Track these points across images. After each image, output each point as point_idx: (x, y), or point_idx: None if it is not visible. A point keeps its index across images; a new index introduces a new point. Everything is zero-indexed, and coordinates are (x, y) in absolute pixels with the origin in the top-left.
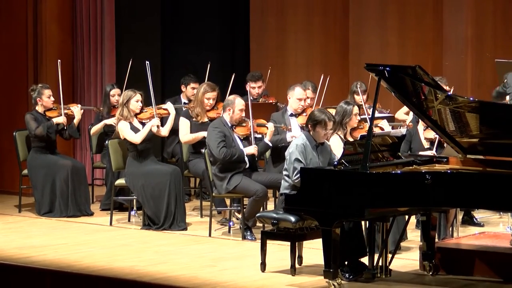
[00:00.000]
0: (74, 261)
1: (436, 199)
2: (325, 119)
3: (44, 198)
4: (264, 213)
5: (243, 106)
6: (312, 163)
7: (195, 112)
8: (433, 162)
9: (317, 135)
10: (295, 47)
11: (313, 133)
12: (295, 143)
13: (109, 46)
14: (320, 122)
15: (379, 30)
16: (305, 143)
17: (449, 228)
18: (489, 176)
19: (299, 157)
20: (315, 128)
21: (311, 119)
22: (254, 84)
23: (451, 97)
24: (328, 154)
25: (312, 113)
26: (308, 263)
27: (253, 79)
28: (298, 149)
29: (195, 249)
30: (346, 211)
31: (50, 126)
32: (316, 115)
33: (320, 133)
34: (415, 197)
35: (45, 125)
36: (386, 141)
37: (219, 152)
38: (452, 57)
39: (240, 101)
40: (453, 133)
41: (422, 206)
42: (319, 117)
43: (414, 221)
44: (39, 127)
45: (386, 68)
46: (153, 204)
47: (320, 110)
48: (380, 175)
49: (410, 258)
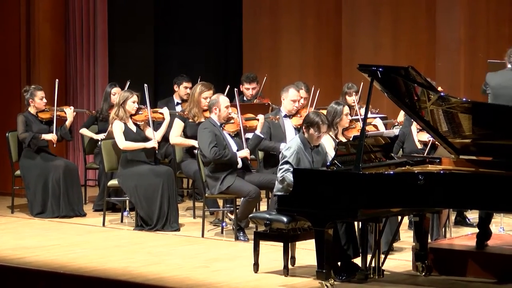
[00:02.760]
0: (67, 262)
1: (429, 199)
2: (319, 122)
3: (36, 199)
4: (257, 214)
5: (228, 103)
6: (305, 165)
7: (192, 113)
8: (426, 163)
9: (311, 137)
10: (288, 48)
11: (307, 135)
12: (289, 144)
13: (102, 46)
14: (314, 125)
15: (372, 31)
16: (299, 145)
17: (442, 228)
18: (482, 177)
19: (289, 159)
20: (308, 130)
21: (305, 121)
22: (248, 85)
23: (443, 97)
24: (323, 156)
25: (308, 115)
26: (301, 263)
27: (248, 80)
28: (291, 151)
29: (188, 250)
30: (339, 212)
31: (35, 138)
32: (311, 117)
33: (314, 136)
34: (408, 197)
35: (31, 134)
36: (379, 141)
37: (210, 152)
38: (445, 58)
39: (223, 98)
40: (446, 134)
41: (415, 206)
42: (313, 119)
43: (407, 221)
44: (24, 133)
45: (378, 69)
46: (146, 205)
47: (315, 113)
48: (373, 176)
49: (403, 258)
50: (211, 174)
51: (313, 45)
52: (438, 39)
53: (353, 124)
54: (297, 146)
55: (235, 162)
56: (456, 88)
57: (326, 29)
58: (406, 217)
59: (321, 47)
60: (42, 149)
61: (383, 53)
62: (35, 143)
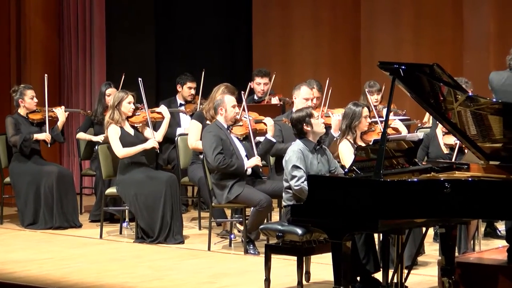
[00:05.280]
0: (60, 277)
1: (456, 209)
2: (307, 111)
3: (27, 208)
4: (268, 225)
5: (235, 102)
6: (312, 167)
7: (210, 114)
8: (453, 169)
9: (317, 128)
10: (301, 44)
11: (312, 130)
12: (291, 149)
13: (99, 43)
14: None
15: (393, 26)
16: (302, 148)
17: (470, 241)
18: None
19: (297, 163)
20: (311, 124)
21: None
22: (260, 79)
23: (472, 98)
24: (327, 156)
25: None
26: (316, 279)
27: (260, 74)
28: (295, 155)
29: (193, 264)
30: (357, 223)
31: (27, 139)
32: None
33: (318, 124)
34: (433, 207)
35: (22, 136)
36: (401, 146)
37: (214, 159)
38: (473, 55)
39: (229, 97)
40: (475, 138)
41: (441, 217)
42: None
43: (432, 233)
44: (15, 136)
45: (401, 67)
46: (147, 215)
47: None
48: (395, 183)
49: (428, 274)
50: (218, 181)
51: (328, 41)
52: (466, 34)
53: (372, 127)
54: (300, 149)
55: (241, 173)
56: (486, 87)
57: (342, 23)
58: (431, 229)
59: (337, 43)
60: (34, 152)
61: (404, 49)
62: (27, 145)
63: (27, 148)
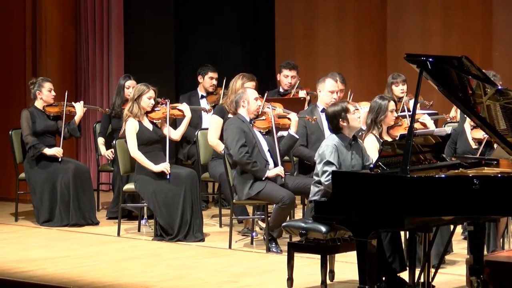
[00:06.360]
0: (77, 276)
1: (485, 206)
2: (343, 106)
3: (43, 205)
4: (291, 222)
5: (257, 94)
6: (345, 163)
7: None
8: (482, 165)
9: (353, 123)
10: (326, 35)
11: (348, 125)
12: (325, 144)
13: (117, 35)
14: (344, 111)
15: (421, 17)
16: (337, 143)
17: (500, 239)
18: None
19: (330, 158)
20: (347, 119)
21: (335, 117)
22: (288, 72)
23: (501, 91)
24: (361, 152)
25: (328, 113)
26: (341, 278)
27: (288, 67)
28: (329, 150)
29: (213, 263)
30: (383, 220)
31: (36, 148)
32: (335, 109)
33: (354, 119)
34: (461, 204)
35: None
36: (428, 141)
37: (238, 151)
38: (503, 47)
39: (251, 90)
40: (504, 132)
41: (469, 214)
42: (337, 109)
43: (460, 231)
44: (29, 136)
45: (428, 59)
46: (166, 212)
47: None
48: (422, 180)
49: (456, 273)
50: (239, 177)
51: (353, 33)
52: (495, 25)
53: (399, 121)
54: (335, 143)
55: (259, 178)
56: None
57: (368, 14)
58: (459, 227)
59: (362, 35)
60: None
61: (432, 41)
62: (35, 153)
63: (33, 155)
